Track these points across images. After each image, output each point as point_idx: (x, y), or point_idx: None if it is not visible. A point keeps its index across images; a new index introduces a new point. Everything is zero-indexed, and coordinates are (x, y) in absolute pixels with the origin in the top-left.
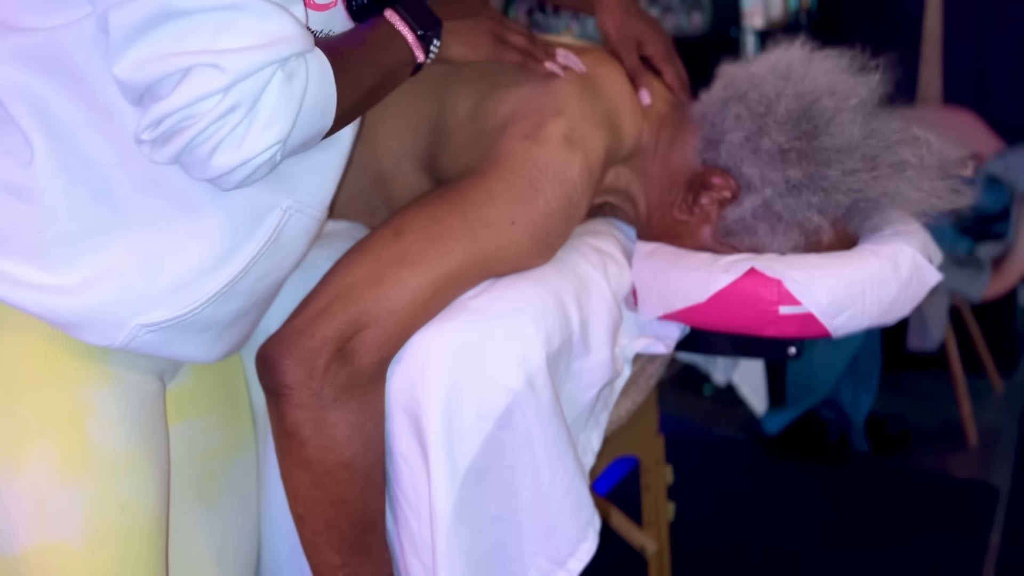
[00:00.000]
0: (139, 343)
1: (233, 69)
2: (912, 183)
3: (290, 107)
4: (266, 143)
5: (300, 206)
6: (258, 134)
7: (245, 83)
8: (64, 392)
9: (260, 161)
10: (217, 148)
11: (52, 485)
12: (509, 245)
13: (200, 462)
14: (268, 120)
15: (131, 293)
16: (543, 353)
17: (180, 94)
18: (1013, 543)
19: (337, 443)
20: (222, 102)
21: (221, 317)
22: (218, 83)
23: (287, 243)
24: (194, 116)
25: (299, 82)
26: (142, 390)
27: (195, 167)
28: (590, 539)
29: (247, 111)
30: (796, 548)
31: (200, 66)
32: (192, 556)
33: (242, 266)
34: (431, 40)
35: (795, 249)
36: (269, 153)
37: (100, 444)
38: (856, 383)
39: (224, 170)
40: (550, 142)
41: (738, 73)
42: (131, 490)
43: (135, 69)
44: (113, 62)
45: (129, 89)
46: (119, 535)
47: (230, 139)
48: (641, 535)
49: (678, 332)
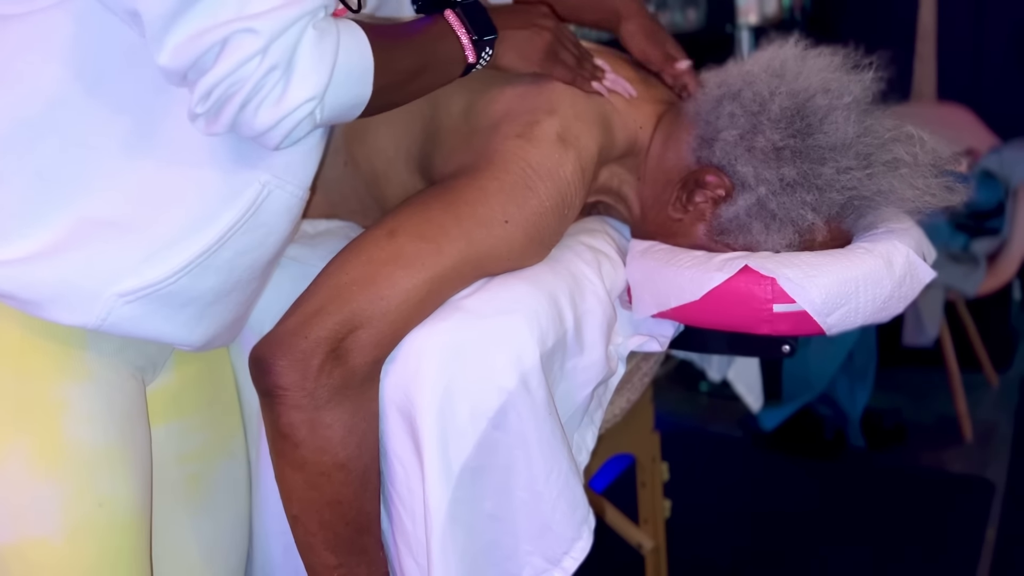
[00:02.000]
0: (116, 318)
1: (267, 30)
2: (906, 181)
3: (324, 62)
4: (304, 96)
5: (280, 183)
6: (296, 88)
7: (280, 41)
8: (39, 388)
9: (300, 116)
10: (261, 105)
11: (29, 481)
12: (503, 244)
13: (185, 464)
14: (304, 74)
15: (103, 260)
16: (537, 352)
17: (223, 63)
18: (1009, 538)
19: (332, 444)
20: (263, 62)
21: (200, 292)
22: (256, 45)
23: (268, 219)
24: (240, 80)
25: (331, 39)
26: (120, 387)
27: (244, 127)
28: (585, 537)
29: (285, 67)
30: (792, 544)
31: (236, 33)
32: (179, 558)
33: (217, 237)
34: (484, 46)
35: (789, 247)
36: (308, 108)
37: (76, 440)
38: (852, 379)
39: (268, 126)
40: (543, 141)
41: (732, 71)
42: (109, 486)
43: (177, 53)
44: (156, 53)
45: (174, 73)
46: (97, 531)
47: (271, 96)
48: (637, 532)
49: (672, 330)
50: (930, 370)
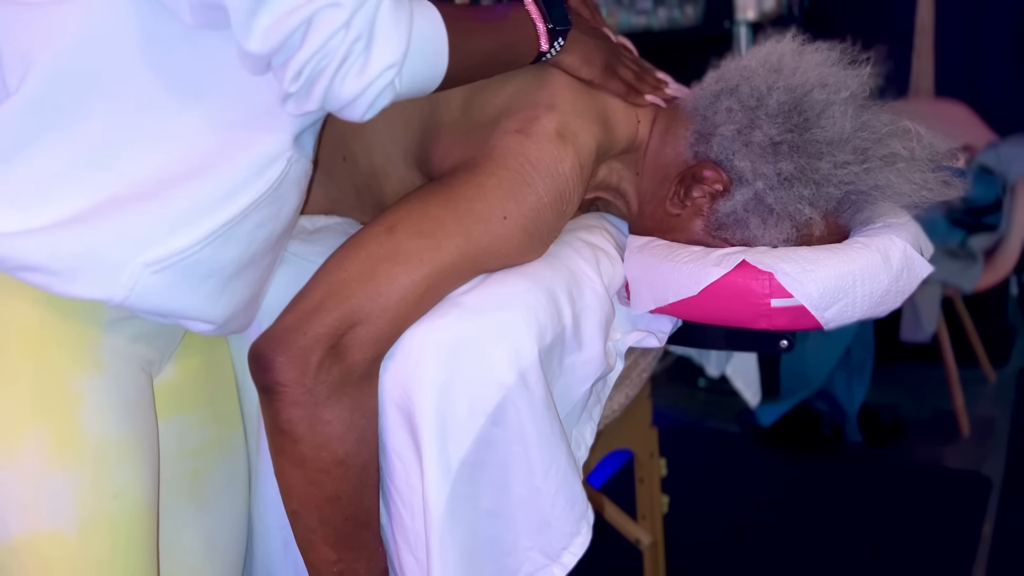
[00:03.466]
0: (143, 288)
1: (349, 2)
2: (903, 175)
3: (400, 29)
4: (386, 63)
5: (298, 156)
6: (378, 56)
7: (361, 11)
8: (57, 379)
9: (382, 84)
10: (347, 76)
11: (45, 472)
12: (501, 240)
13: (186, 460)
14: (384, 42)
15: (130, 230)
16: (535, 348)
17: (312, 40)
18: (1005, 533)
19: (331, 440)
20: (348, 34)
21: (222, 264)
22: (341, 19)
23: (284, 192)
24: (329, 55)
25: (404, 11)
26: (132, 379)
27: (333, 100)
28: (583, 533)
29: (368, 37)
30: (790, 539)
31: (320, 10)
32: (179, 553)
33: (242, 208)
34: (558, 36)
35: (786, 242)
36: (389, 76)
37: (92, 432)
38: (849, 375)
39: (355, 94)
40: (542, 136)
41: (729, 66)
42: (122, 479)
43: (266, 37)
44: (245, 41)
45: (261, 59)
46: (111, 524)
47: (356, 65)
48: (635, 528)
49: (670, 326)
50: (927, 366)
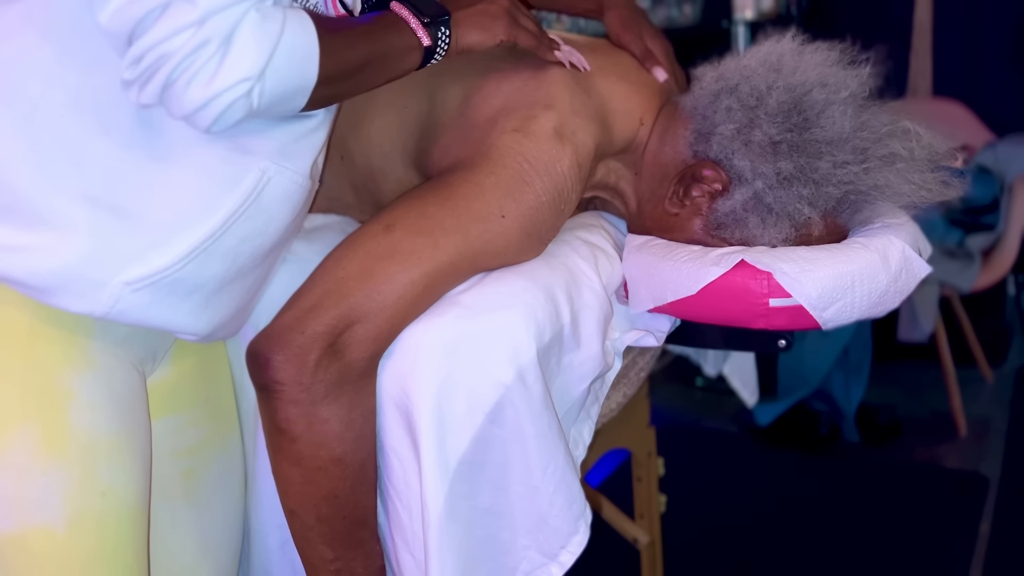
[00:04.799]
0: (124, 306)
1: (205, 3)
2: (902, 175)
3: (263, 45)
4: (238, 76)
5: (279, 169)
6: (231, 67)
7: (218, 17)
8: (47, 375)
9: (232, 97)
10: (191, 82)
11: (33, 469)
12: (499, 239)
13: (181, 459)
14: (241, 53)
15: (108, 249)
16: (534, 347)
17: (156, 29)
18: (1003, 532)
19: (329, 439)
20: (195, 36)
21: (205, 280)
22: (191, 16)
23: (269, 206)
24: (169, 51)
25: (275, 24)
26: (123, 377)
27: (173, 103)
28: (581, 532)
29: (219, 45)
30: (787, 539)
31: (177, 2)
32: (173, 552)
33: (220, 223)
34: (438, 27)
35: (785, 242)
36: (242, 89)
37: (81, 429)
38: (847, 374)
39: (197, 105)
40: (540, 135)
41: (729, 66)
42: (111, 476)
43: (118, 14)
44: (98, 11)
45: (116, 37)
46: (99, 521)
47: (203, 73)
48: (633, 527)
49: (669, 325)
50: (925, 365)
